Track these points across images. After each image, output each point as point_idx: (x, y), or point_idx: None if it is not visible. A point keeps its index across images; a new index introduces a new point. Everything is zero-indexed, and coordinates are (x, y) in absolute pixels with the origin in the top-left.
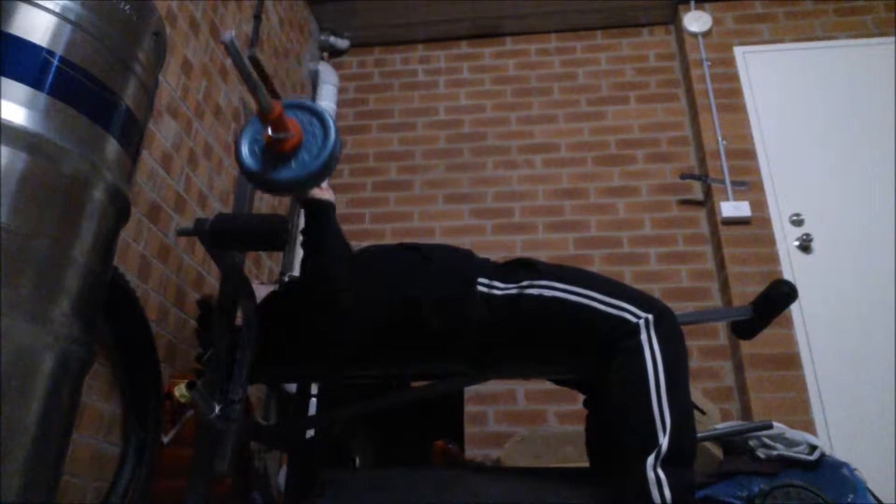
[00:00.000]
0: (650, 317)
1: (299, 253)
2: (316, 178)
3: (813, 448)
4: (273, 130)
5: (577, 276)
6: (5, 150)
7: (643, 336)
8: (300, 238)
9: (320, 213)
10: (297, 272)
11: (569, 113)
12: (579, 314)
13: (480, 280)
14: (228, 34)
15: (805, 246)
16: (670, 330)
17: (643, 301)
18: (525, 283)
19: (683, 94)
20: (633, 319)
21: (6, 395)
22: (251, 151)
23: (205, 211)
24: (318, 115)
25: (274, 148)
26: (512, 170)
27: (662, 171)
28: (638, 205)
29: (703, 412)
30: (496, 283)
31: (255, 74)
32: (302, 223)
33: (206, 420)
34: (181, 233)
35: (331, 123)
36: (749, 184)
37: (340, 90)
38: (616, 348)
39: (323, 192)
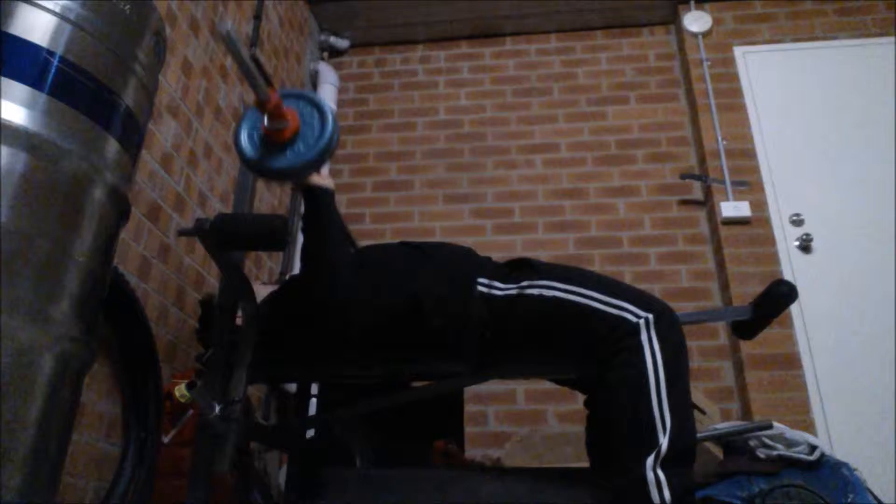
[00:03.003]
0: (650, 316)
1: (299, 253)
2: (310, 168)
3: (813, 448)
4: (270, 120)
5: (576, 275)
6: (5, 150)
7: (643, 336)
8: (300, 226)
9: (318, 200)
10: (297, 272)
11: (569, 113)
12: (579, 314)
13: (480, 280)
14: (225, 25)
15: (805, 246)
16: (670, 329)
17: (643, 301)
18: (525, 283)
19: (683, 94)
20: (633, 319)
21: (6, 395)
22: (249, 139)
23: (205, 211)
24: (318, 106)
25: (271, 137)
26: (512, 170)
27: (662, 171)
28: (638, 205)
29: (703, 412)
30: (496, 284)
31: (252, 65)
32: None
33: (206, 420)
34: (181, 233)
35: (329, 115)
36: (749, 184)
37: (340, 90)
38: (616, 348)
39: (322, 179)
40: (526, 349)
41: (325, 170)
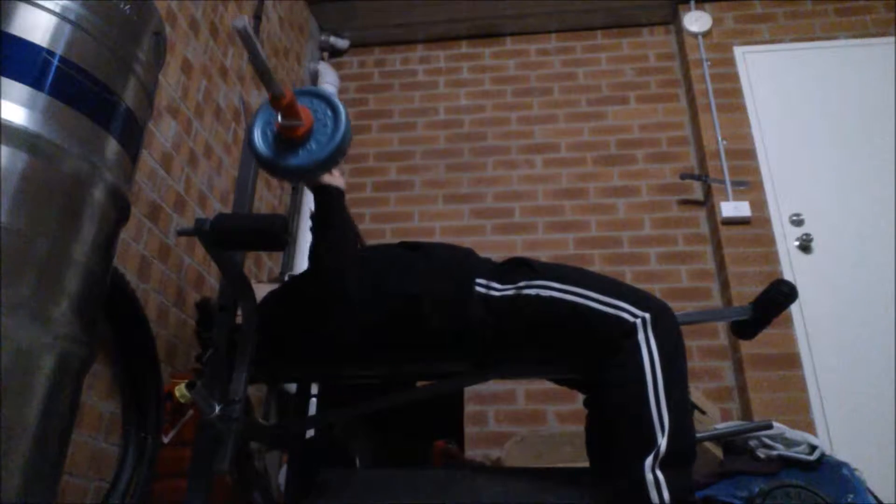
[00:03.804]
0: (647, 316)
1: (299, 253)
2: (323, 167)
3: (813, 448)
4: (284, 117)
5: (573, 275)
6: (5, 150)
7: (640, 336)
8: (309, 225)
9: (329, 199)
10: (297, 272)
11: (569, 113)
12: (576, 314)
13: (478, 280)
14: (241, 21)
15: (805, 246)
16: (668, 329)
17: (640, 300)
18: (522, 283)
19: (683, 94)
20: (630, 319)
21: (6, 395)
22: (263, 136)
23: (205, 211)
24: (332, 105)
25: (284, 134)
26: (512, 170)
27: (662, 171)
28: (638, 205)
29: (703, 412)
30: (494, 284)
31: (267, 61)
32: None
33: (206, 420)
34: (181, 233)
35: (343, 114)
36: (749, 184)
37: (340, 90)
38: (613, 348)
39: (333, 178)
40: (525, 349)
41: (336, 169)
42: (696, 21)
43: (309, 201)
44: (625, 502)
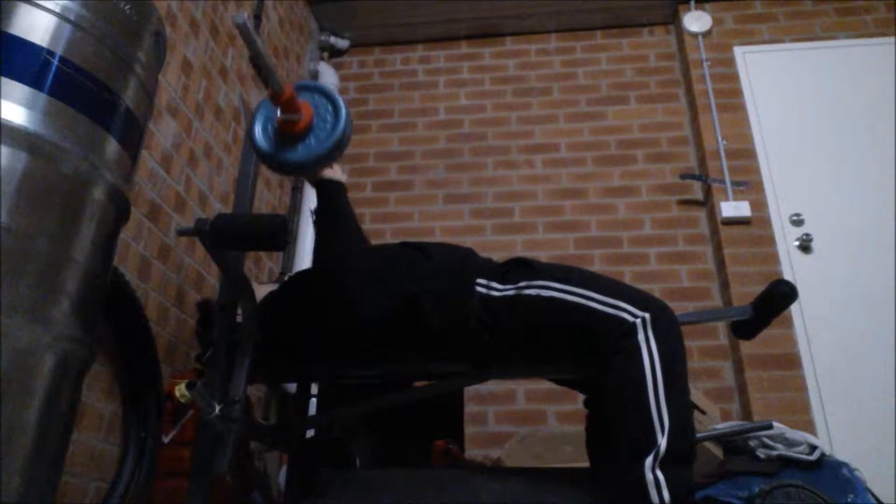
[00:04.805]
0: (647, 316)
1: (299, 253)
2: (322, 161)
3: (813, 448)
4: (283, 112)
5: (573, 275)
6: (5, 150)
7: (640, 336)
8: (311, 221)
9: (330, 193)
10: (297, 272)
11: (569, 113)
12: (576, 314)
13: (479, 280)
14: (241, 16)
15: (805, 246)
16: (668, 329)
17: (640, 300)
18: (522, 283)
19: (683, 94)
20: (630, 319)
21: (6, 395)
22: (264, 131)
23: (205, 211)
24: (332, 100)
25: (284, 129)
26: (512, 170)
27: (662, 171)
28: (638, 205)
29: (703, 412)
30: (494, 284)
31: (267, 56)
32: (314, 206)
33: (206, 420)
34: (181, 233)
35: (343, 109)
36: (749, 184)
37: (340, 90)
38: (614, 348)
39: (334, 172)
40: (525, 349)
41: (336, 164)
42: (696, 21)
43: (309, 201)
44: (625, 502)
